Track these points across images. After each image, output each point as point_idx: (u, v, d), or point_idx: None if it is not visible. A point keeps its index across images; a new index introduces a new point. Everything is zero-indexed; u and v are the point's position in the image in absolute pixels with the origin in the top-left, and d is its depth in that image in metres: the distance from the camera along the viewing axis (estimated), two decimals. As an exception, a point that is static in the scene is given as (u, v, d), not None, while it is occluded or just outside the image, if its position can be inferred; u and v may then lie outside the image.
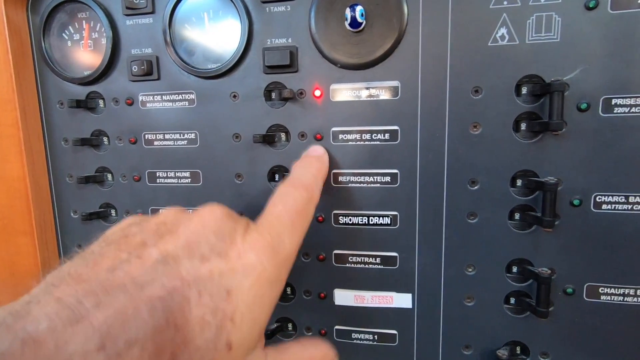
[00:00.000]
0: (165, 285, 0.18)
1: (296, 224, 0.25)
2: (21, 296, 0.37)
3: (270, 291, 0.22)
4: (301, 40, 0.33)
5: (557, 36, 0.29)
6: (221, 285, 0.20)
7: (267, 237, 0.23)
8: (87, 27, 0.38)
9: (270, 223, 0.24)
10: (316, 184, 0.30)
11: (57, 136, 0.40)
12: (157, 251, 0.20)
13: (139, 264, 0.19)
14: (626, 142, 0.29)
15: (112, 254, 0.20)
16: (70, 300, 0.17)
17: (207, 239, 0.21)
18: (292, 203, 0.26)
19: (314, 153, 0.34)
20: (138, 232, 0.21)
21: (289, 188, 0.28)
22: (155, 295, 0.18)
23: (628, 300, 0.31)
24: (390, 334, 0.36)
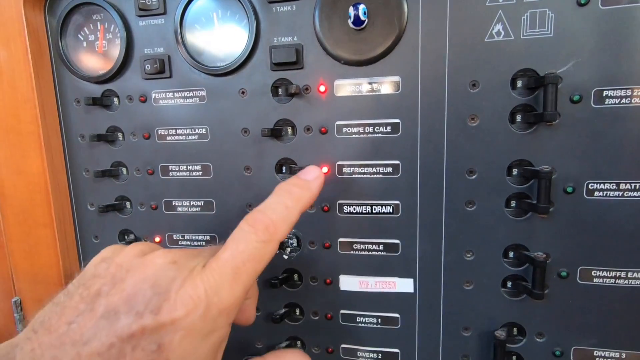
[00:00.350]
0: (104, 342, 0.21)
1: (240, 274, 0.25)
2: (40, 286, 0.41)
3: (202, 343, 0.23)
4: (306, 38, 0.35)
5: (550, 32, 0.31)
6: (152, 341, 0.22)
7: (201, 291, 0.23)
8: (102, 28, 0.39)
9: (211, 272, 0.24)
10: (285, 220, 0.27)
11: (74, 133, 0.42)
12: (105, 303, 0.22)
13: (88, 318, 0.22)
14: (617, 131, 0.31)
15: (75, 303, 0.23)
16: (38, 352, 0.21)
17: (144, 293, 0.23)
18: (242, 249, 0.25)
19: (305, 176, 0.31)
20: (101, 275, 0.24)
21: (247, 228, 0.26)
22: (95, 352, 0.21)
23: (619, 282, 0.32)
24: (393, 317, 0.37)
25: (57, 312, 0.22)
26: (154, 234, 0.42)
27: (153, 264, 0.24)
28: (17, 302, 0.44)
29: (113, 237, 0.43)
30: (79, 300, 0.23)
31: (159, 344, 0.22)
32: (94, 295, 0.23)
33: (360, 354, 0.39)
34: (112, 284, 0.23)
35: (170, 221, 0.41)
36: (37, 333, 0.22)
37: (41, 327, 0.22)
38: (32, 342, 0.21)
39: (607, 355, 0.34)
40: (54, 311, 0.23)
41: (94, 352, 0.21)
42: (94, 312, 0.22)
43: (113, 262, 0.25)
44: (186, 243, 0.41)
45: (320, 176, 0.31)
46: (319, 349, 0.40)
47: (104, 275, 0.24)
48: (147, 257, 0.25)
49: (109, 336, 0.21)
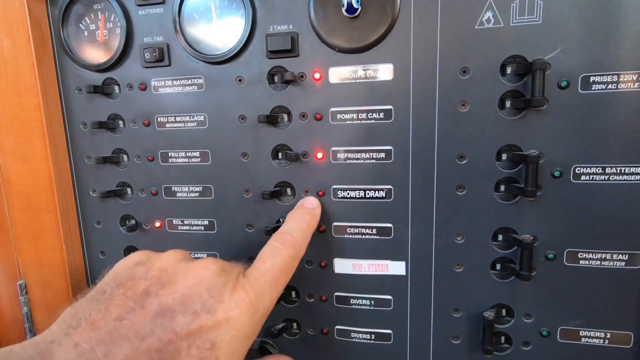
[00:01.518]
0: (162, 338, 0.22)
1: (278, 282, 0.28)
2: (44, 269, 0.42)
3: (245, 344, 0.25)
4: (301, 26, 0.36)
5: (539, 18, 0.31)
6: (207, 339, 0.23)
7: (252, 295, 0.26)
8: (102, 18, 0.40)
9: (256, 280, 0.27)
10: (304, 240, 0.33)
11: (76, 120, 0.43)
12: (157, 303, 0.23)
13: (141, 315, 0.23)
14: (603, 116, 0.31)
15: (121, 301, 0.23)
16: (85, 347, 0.21)
17: (200, 295, 0.24)
18: (278, 261, 0.29)
19: (309, 205, 0.36)
20: (143, 277, 0.25)
21: (279, 245, 0.30)
22: (153, 347, 0.21)
23: (605, 264, 0.33)
24: (386, 299, 0.39)
25: (100, 310, 0.23)
26: (154, 219, 0.43)
27: (206, 269, 0.26)
28: (22, 285, 0.45)
29: (114, 222, 0.44)
30: (124, 298, 0.24)
31: (212, 342, 0.23)
32: (142, 294, 0.24)
33: (354, 334, 0.40)
34: (161, 286, 0.25)
35: (170, 206, 0.42)
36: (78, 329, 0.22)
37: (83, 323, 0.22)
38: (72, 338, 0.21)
39: (592, 334, 0.35)
40: (93, 308, 0.23)
41: (152, 348, 0.21)
42: (145, 310, 0.23)
43: (154, 266, 0.26)
44: (185, 228, 0.42)
45: (319, 205, 0.37)
46: (314, 330, 0.41)
47: (146, 277, 0.25)
48: (196, 263, 0.27)
49: (166, 333, 0.22)
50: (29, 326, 0.46)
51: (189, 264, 0.27)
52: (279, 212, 0.39)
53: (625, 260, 0.33)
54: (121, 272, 0.26)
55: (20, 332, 0.46)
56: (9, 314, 0.46)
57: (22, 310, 0.45)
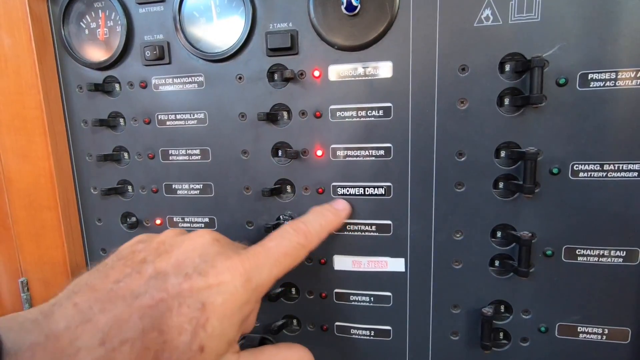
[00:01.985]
0: (154, 297, 0.23)
1: (280, 262, 0.29)
2: (46, 267, 0.43)
3: (239, 310, 0.25)
4: (301, 24, 0.36)
5: (537, 16, 0.32)
6: (198, 299, 0.23)
7: (247, 265, 0.26)
8: (103, 16, 0.40)
9: (257, 253, 0.28)
10: (318, 235, 0.33)
11: (77, 118, 0.43)
12: (152, 267, 0.24)
13: (137, 278, 0.24)
14: (601, 114, 0.32)
15: (119, 268, 0.25)
16: (83, 305, 0.22)
17: (192, 260, 0.25)
18: (285, 244, 0.30)
19: (337, 206, 0.37)
20: (143, 250, 0.26)
21: (292, 231, 0.31)
22: (146, 305, 0.22)
23: (603, 260, 0.34)
24: (385, 295, 0.39)
25: (100, 277, 0.24)
26: (155, 216, 0.43)
27: (201, 238, 0.27)
28: (23, 282, 0.46)
29: (115, 219, 0.44)
30: (124, 266, 0.25)
31: (203, 303, 0.23)
32: (139, 262, 0.25)
33: (353, 331, 0.40)
34: (157, 254, 0.26)
35: (170, 204, 0.42)
36: (79, 293, 0.23)
37: (84, 287, 0.23)
38: (73, 299, 0.22)
39: (590, 330, 0.35)
40: (95, 276, 0.24)
41: (145, 305, 0.22)
42: (141, 274, 0.24)
43: (153, 241, 0.28)
44: (186, 225, 0.42)
45: (347, 208, 0.37)
46: (314, 326, 0.41)
47: (145, 249, 0.26)
48: (191, 234, 0.28)
49: (159, 292, 0.23)
50: (31, 323, 0.46)
51: (185, 235, 0.28)
52: (278, 210, 0.40)
53: (623, 257, 0.33)
54: (124, 249, 0.28)
55: (22, 329, 0.46)
56: (11, 311, 0.46)
57: (24, 308, 0.46)
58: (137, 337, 0.21)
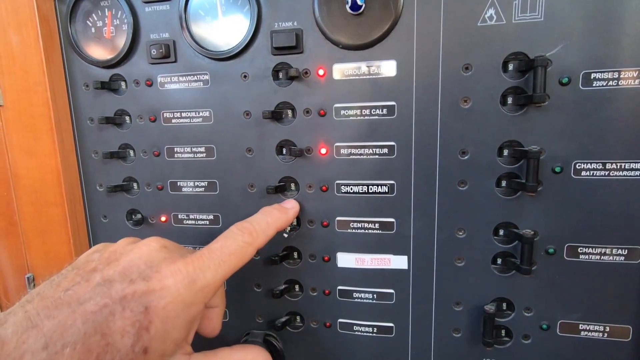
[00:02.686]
0: (98, 302, 0.24)
1: (225, 262, 0.29)
2: (52, 263, 0.44)
3: (184, 311, 0.26)
4: (306, 23, 0.36)
5: (541, 16, 0.32)
6: (141, 303, 0.25)
7: (190, 268, 0.27)
8: (110, 15, 0.41)
9: (201, 255, 0.29)
10: (264, 232, 0.34)
11: (83, 116, 0.44)
12: (100, 276, 0.26)
13: (85, 286, 0.25)
14: (604, 113, 0.32)
15: (71, 278, 0.26)
16: (32, 312, 0.23)
17: (138, 267, 0.27)
18: (229, 244, 0.31)
19: (285, 204, 0.38)
20: (96, 259, 0.28)
21: (237, 230, 0.32)
22: (89, 310, 0.24)
23: (605, 259, 0.34)
24: (388, 292, 0.39)
25: (52, 286, 0.25)
26: (160, 213, 0.44)
27: (147, 246, 0.29)
28: (30, 278, 0.46)
29: (121, 216, 0.45)
30: (75, 275, 0.26)
31: (146, 307, 0.25)
32: (89, 271, 0.26)
33: (356, 328, 0.41)
34: (107, 263, 0.27)
35: (175, 201, 0.43)
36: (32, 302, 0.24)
37: (36, 296, 0.25)
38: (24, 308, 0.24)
39: (591, 328, 0.35)
40: (48, 286, 0.26)
41: (88, 310, 0.24)
42: (89, 282, 0.25)
43: (106, 250, 0.29)
44: (191, 222, 0.43)
45: (295, 207, 0.38)
46: (317, 323, 0.42)
47: (97, 259, 0.28)
48: (139, 242, 0.30)
49: (103, 298, 0.24)
50: (37, 318, 0.47)
51: (135, 244, 0.29)
52: (283, 207, 0.40)
53: (625, 255, 0.33)
54: (80, 259, 0.29)
55: (28, 324, 0.47)
56: (17, 306, 0.47)
57: (30, 303, 0.46)
58: (79, 340, 0.23)
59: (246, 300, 0.43)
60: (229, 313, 0.44)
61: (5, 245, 0.46)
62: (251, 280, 0.42)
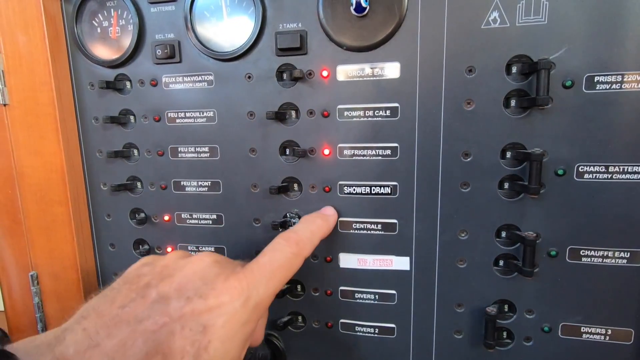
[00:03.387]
0: (157, 321, 0.24)
1: (275, 275, 0.29)
2: (56, 261, 0.44)
3: (241, 330, 0.26)
4: (310, 24, 0.36)
5: (544, 19, 0.32)
6: (199, 322, 0.24)
7: (244, 284, 0.27)
8: (115, 15, 0.41)
9: (252, 271, 0.28)
10: (310, 241, 0.33)
11: (88, 115, 0.44)
12: (156, 292, 0.25)
13: (141, 303, 0.25)
14: (607, 116, 0.32)
15: (125, 293, 0.26)
16: (91, 330, 0.23)
17: (193, 283, 0.26)
18: (278, 257, 0.30)
19: (326, 212, 0.38)
20: (147, 273, 0.28)
21: (283, 242, 0.32)
22: (149, 329, 0.23)
23: (607, 261, 0.34)
24: (390, 293, 0.39)
25: (107, 302, 0.25)
26: (163, 212, 0.44)
27: (201, 262, 0.28)
28: (33, 276, 0.46)
29: (124, 215, 0.45)
30: (129, 291, 0.26)
31: (204, 326, 0.24)
32: (144, 286, 0.26)
33: (358, 328, 0.41)
34: (161, 279, 0.27)
35: (179, 200, 0.43)
36: (88, 318, 0.24)
37: (92, 312, 0.24)
38: (82, 325, 0.23)
39: (593, 331, 0.35)
40: (102, 301, 0.25)
41: (148, 329, 0.23)
42: (145, 298, 0.25)
43: (157, 264, 0.29)
44: (194, 222, 0.43)
45: (335, 213, 0.38)
46: (319, 323, 0.42)
47: (150, 273, 0.27)
48: (192, 258, 0.29)
49: (162, 316, 0.24)
50: (40, 316, 0.47)
51: (187, 259, 0.29)
52: (285, 207, 0.40)
53: (627, 258, 0.33)
54: (130, 272, 0.29)
55: (32, 321, 0.47)
56: (21, 303, 0.47)
57: (34, 300, 0.47)
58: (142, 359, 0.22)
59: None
60: (231, 312, 0.44)
61: (10, 244, 0.46)
62: (253, 280, 0.43)
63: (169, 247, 0.44)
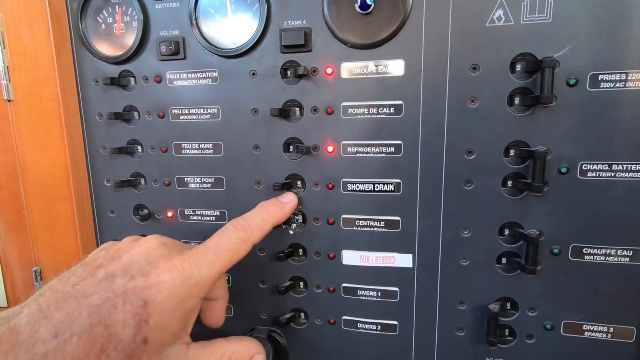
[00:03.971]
0: (102, 296, 0.26)
1: (220, 258, 0.31)
2: (59, 256, 0.46)
3: (180, 305, 0.28)
4: (315, 22, 0.36)
5: (549, 17, 0.32)
6: (140, 297, 0.27)
7: (186, 264, 0.29)
8: (120, 11, 0.41)
9: (197, 252, 0.31)
10: (260, 228, 0.35)
11: (92, 111, 0.44)
12: (104, 271, 0.28)
13: (90, 281, 0.27)
14: (610, 114, 0.32)
15: (79, 274, 0.28)
16: (43, 305, 0.25)
17: (138, 262, 0.29)
18: (224, 241, 0.32)
19: (282, 199, 0.39)
20: (102, 257, 0.30)
21: (231, 227, 0.33)
22: (94, 303, 0.26)
23: (609, 259, 0.34)
24: (393, 291, 0.39)
25: (62, 281, 0.28)
26: (166, 209, 0.44)
27: (147, 243, 0.31)
28: (37, 271, 0.47)
29: (128, 211, 0.45)
30: (82, 272, 0.28)
31: (145, 300, 0.27)
32: (95, 267, 0.29)
33: (360, 325, 0.41)
34: (111, 259, 0.29)
35: (182, 197, 0.43)
36: (44, 295, 0.26)
37: (47, 291, 0.27)
38: (37, 301, 0.26)
39: (595, 329, 0.35)
40: (58, 281, 0.28)
41: (93, 303, 0.26)
42: (94, 277, 0.28)
43: (112, 248, 0.31)
44: (197, 218, 0.43)
45: (293, 201, 0.39)
46: (321, 320, 0.42)
47: (103, 256, 0.30)
48: (141, 240, 0.32)
49: (106, 292, 0.26)
50: (43, 311, 0.47)
51: (137, 242, 0.31)
52: (289, 204, 0.40)
53: (630, 256, 0.34)
54: (89, 256, 0.31)
55: (35, 317, 0.47)
56: (24, 298, 0.47)
57: (37, 296, 0.47)
58: (85, 330, 0.25)
59: (251, 296, 0.43)
60: (234, 309, 0.44)
61: (14, 239, 0.47)
62: (256, 276, 0.43)
63: (172, 243, 0.45)
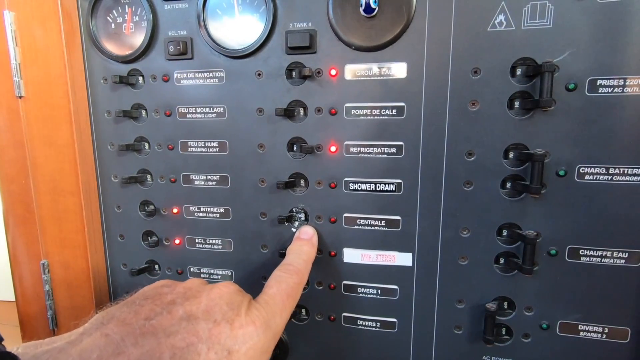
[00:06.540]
0: (185, 338, 0.24)
1: (286, 305, 0.31)
2: (66, 250, 0.45)
3: (260, 357, 0.27)
4: (320, 24, 0.37)
5: (549, 23, 0.33)
6: (225, 346, 0.25)
7: (264, 314, 0.29)
8: (130, 11, 0.42)
9: (266, 302, 0.30)
10: (306, 268, 0.36)
11: (101, 108, 0.45)
12: (183, 310, 0.26)
13: (168, 318, 0.25)
14: (608, 119, 0.33)
15: (149, 307, 0.26)
16: (115, 337, 0.23)
17: (221, 307, 0.27)
18: (284, 287, 0.32)
19: (305, 236, 0.39)
20: (169, 293, 0.28)
21: (283, 274, 0.34)
22: (177, 345, 0.24)
23: (605, 261, 0.35)
24: (392, 288, 0.40)
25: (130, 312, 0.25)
26: (172, 205, 0.45)
27: (227, 288, 0.30)
28: (44, 264, 0.48)
29: (134, 207, 0.46)
30: (153, 305, 0.26)
31: (229, 350, 0.25)
32: (168, 303, 0.27)
33: (360, 322, 0.42)
34: (185, 298, 0.27)
35: (187, 194, 0.44)
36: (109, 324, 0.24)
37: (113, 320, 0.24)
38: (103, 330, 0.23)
39: (590, 329, 0.36)
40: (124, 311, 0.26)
41: (176, 345, 0.24)
42: (172, 314, 0.26)
43: (179, 286, 0.29)
44: (202, 215, 0.44)
45: (314, 233, 0.40)
46: (322, 316, 0.43)
47: (172, 293, 0.28)
48: (216, 285, 0.30)
49: (189, 334, 0.25)
50: (50, 303, 0.48)
51: (211, 285, 0.31)
52: (292, 202, 0.41)
53: (625, 258, 0.34)
54: (148, 290, 0.29)
55: (42, 309, 0.48)
56: (32, 291, 0.49)
57: (44, 288, 0.48)
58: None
59: (254, 292, 0.44)
60: (236, 304, 0.45)
61: (22, 232, 0.48)
62: (259, 273, 0.44)
63: (177, 239, 0.46)
